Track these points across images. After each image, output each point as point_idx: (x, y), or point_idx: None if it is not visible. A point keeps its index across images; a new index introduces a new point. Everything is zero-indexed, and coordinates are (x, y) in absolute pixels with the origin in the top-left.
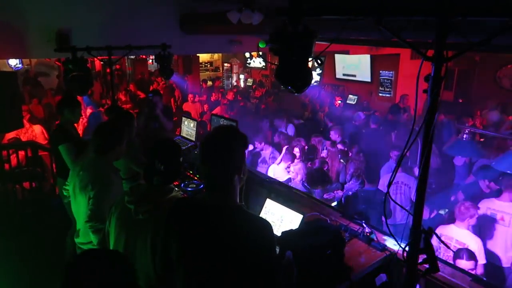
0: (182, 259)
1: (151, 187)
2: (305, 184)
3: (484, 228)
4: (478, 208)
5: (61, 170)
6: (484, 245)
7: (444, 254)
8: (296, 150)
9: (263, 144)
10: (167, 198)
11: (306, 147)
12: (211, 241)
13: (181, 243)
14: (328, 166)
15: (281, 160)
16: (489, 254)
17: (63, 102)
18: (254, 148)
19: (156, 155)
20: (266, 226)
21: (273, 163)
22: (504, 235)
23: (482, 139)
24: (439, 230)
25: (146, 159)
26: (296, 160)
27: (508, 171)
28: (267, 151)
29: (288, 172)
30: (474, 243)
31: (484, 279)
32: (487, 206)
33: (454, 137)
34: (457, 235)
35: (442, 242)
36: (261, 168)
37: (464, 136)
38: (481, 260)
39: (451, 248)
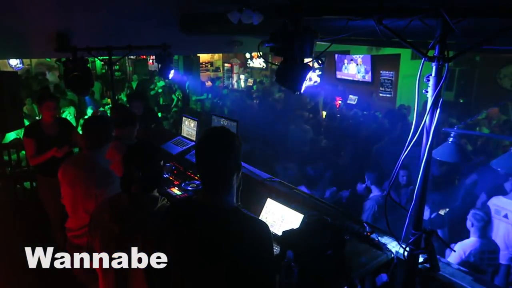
0: (177, 262)
1: (132, 198)
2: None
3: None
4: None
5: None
6: None
7: None
8: None
9: None
10: (154, 211)
11: None
12: (207, 243)
13: (176, 245)
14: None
15: None
16: None
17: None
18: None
19: (132, 160)
20: (262, 227)
21: None
22: (505, 231)
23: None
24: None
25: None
26: None
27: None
28: None
29: None
30: None
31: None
32: (493, 203)
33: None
34: None
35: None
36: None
37: (450, 140)
38: None
39: None
